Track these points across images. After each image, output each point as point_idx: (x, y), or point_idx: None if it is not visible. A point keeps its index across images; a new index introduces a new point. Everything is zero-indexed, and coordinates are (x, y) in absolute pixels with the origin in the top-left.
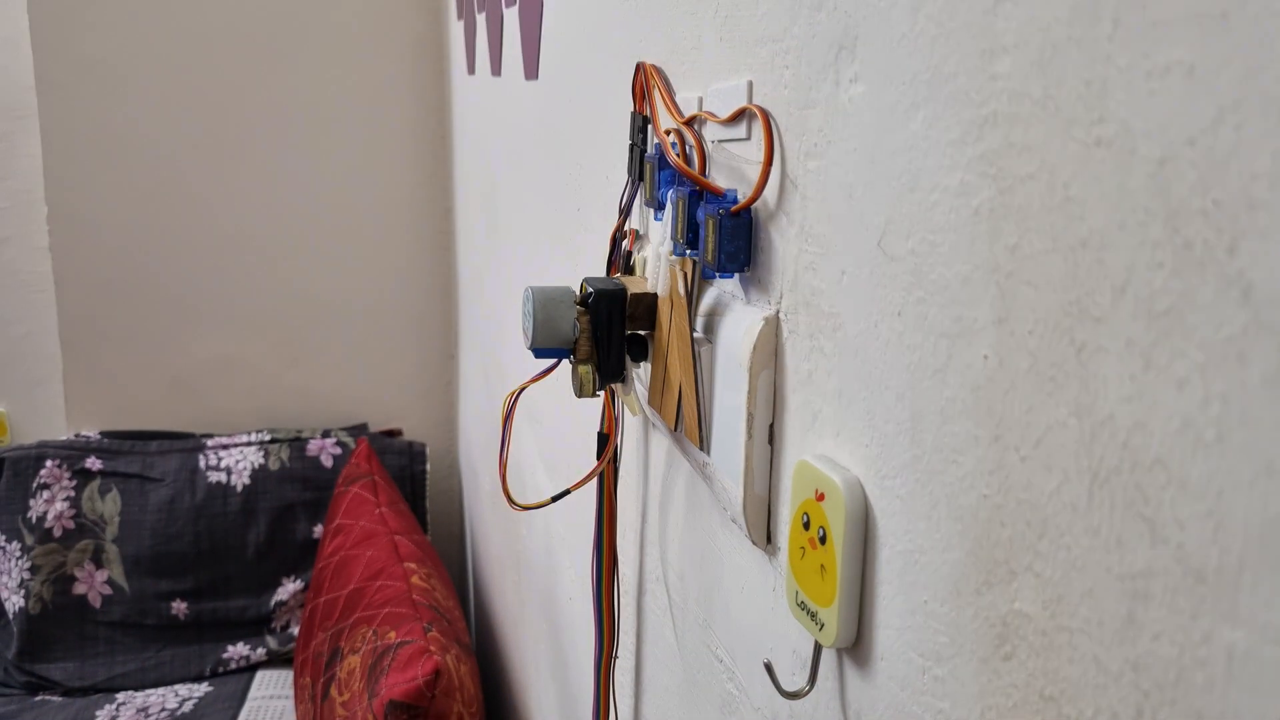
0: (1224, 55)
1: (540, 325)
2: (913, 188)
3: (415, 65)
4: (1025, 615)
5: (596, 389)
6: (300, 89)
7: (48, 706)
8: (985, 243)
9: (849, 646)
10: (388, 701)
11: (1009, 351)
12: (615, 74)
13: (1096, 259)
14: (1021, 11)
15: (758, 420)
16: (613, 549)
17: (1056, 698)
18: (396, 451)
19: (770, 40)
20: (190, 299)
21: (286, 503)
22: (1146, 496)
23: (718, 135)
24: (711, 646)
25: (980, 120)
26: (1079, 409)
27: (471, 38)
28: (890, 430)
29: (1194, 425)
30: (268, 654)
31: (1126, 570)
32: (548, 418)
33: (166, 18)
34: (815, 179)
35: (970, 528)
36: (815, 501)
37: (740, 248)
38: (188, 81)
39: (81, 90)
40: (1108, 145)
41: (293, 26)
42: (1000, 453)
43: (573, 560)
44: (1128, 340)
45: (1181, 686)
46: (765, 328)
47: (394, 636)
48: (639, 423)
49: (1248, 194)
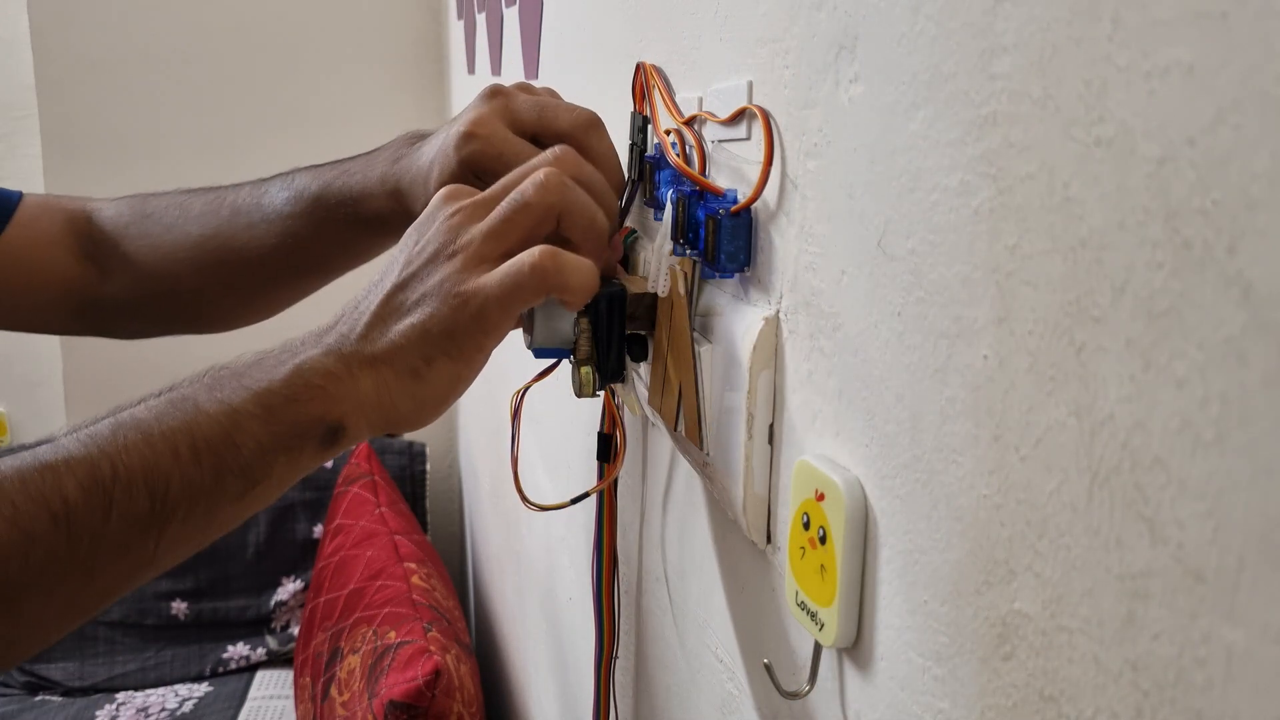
0: (1224, 55)
1: (540, 325)
2: (913, 188)
3: (415, 65)
4: (1025, 615)
5: (597, 389)
6: (300, 89)
7: (48, 706)
8: (985, 243)
9: (849, 646)
10: (388, 701)
11: (1009, 351)
12: (615, 74)
13: (1096, 259)
14: (1021, 11)
15: (758, 420)
16: (613, 549)
17: (1056, 698)
18: (396, 451)
19: (770, 40)
20: None
21: (286, 502)
22: (1146, 496)
23: (718, 135)
24: (711, 646)
25: (980, 120)
26: (1079, 409)
27: (471, 38)
28: (890, 430)
29: (1194, 425)
30: (268, 654)
31: (1126, 570)
32: (548, 418)
33: (167, 18)
34: (815, 179)
35: (970, 528)
36: (815, 501)
37: (740, 248)
38: (188, 82)
39: (81, 90)
40: (1107, 145)
41: (293, 26)
42: (1000, 453)
43: (573, 560)
44: (1127, 340)
45: (1181, 686)
46: (765, 328)
47: (394, 636)
48: (639, 423)
49: (1247, 194)
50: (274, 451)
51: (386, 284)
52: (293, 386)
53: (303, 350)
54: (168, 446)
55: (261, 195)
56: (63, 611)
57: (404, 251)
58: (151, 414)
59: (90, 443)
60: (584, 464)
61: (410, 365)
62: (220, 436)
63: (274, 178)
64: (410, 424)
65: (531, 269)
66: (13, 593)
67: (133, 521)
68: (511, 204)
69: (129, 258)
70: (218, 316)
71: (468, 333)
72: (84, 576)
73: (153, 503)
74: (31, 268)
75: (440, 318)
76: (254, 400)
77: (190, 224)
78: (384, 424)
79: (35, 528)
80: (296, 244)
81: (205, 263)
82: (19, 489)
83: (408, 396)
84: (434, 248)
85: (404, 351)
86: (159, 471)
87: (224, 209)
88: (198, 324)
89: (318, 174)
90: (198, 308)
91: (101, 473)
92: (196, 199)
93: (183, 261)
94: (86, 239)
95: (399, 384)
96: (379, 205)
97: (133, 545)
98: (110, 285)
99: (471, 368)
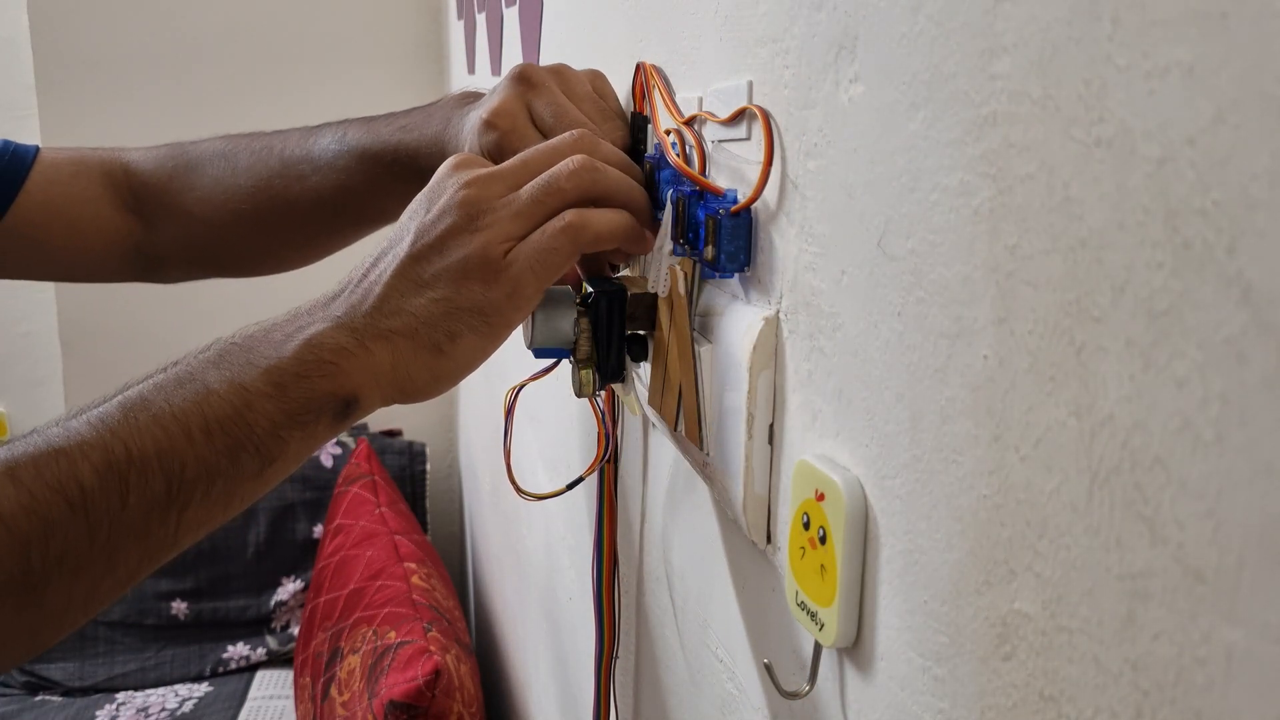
0: (1223, 55)
1: (540, 325)
2: (913, 188)
3: (415, 65)
4: (1025, 615)
5: (597, 389)
6: (300, 89)
7: (48, 706)
8: (985, 243)
9: (849, 646)
10: (388, 701)
11: (1009, 351)
12: (615, 74)
13: (1096, 259)
14: (1021, 11)
15: (758, 420)
16: (613, 549)
17: (1056, 698)
18: (396, 451)
19: (770, 40)
20: (191, 299)
21: (286, 502)
22: (1146, 496)
23: (718, 135)
24: (711, 646)
25: (980, 120)
26: (1079, 409)
27: (471, 38)
28: (890, 430)
29: (1193, 425)
30: (268, 654)
31: (1126, 570)
32: (548, 417)
33: (166, 18)
34: (815, 179)
35: (970, 528)
36: (815, 501)
37: (740, 248)
38: (188, 82)
39: (81, 90)
40: (1107, 145)
41: (292, 26)
42: (1000, 453)
43: (573, 560)
44: (1127, 340)
45: (1181, 686)
46: (765, 328)
47: (394, 636)
48: (639, 423)
49: (1247, 194)
50: (288, 428)
51: (399, 253)
52: (303, 363)
53: (311, 323)
54: (180, 428)
55: (312, 146)
56: (86, 597)
57: (414, 220)
58: (161, 394)
59: (102, 426)
60: (583, 463)
61: (432, 340)
62: (232, 415)
63: (322, 127)
64: (424, 395)
65: (562, 230)
66: (35, 581)
67: (151, 504)
68: (544, 187)
69: (174, 209)
70: (268, 262)
71: (498, 307)
72: (105, 562)
73: (169, 484)
74: (71, 222)
75: (469, 292)
76: (264, 378)
77: (239, 175)
78: (398, 396)
79: (53, 515)
80: (350, 195)
81: (256, 213)
82: (34, 476)
83: (425, 369)
84: (452, 220)
85: (427, 325)
86: (173, 453)
87: (272, 159)
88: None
89: (370, 128)
90: (248, 254)
91: (115, 456)
92: (241, 148)
93: (233, 212)
94: (126, 191)
95: (417, 358)
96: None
97: (152, 528)
98: (155, 235)
99: (496, 342)
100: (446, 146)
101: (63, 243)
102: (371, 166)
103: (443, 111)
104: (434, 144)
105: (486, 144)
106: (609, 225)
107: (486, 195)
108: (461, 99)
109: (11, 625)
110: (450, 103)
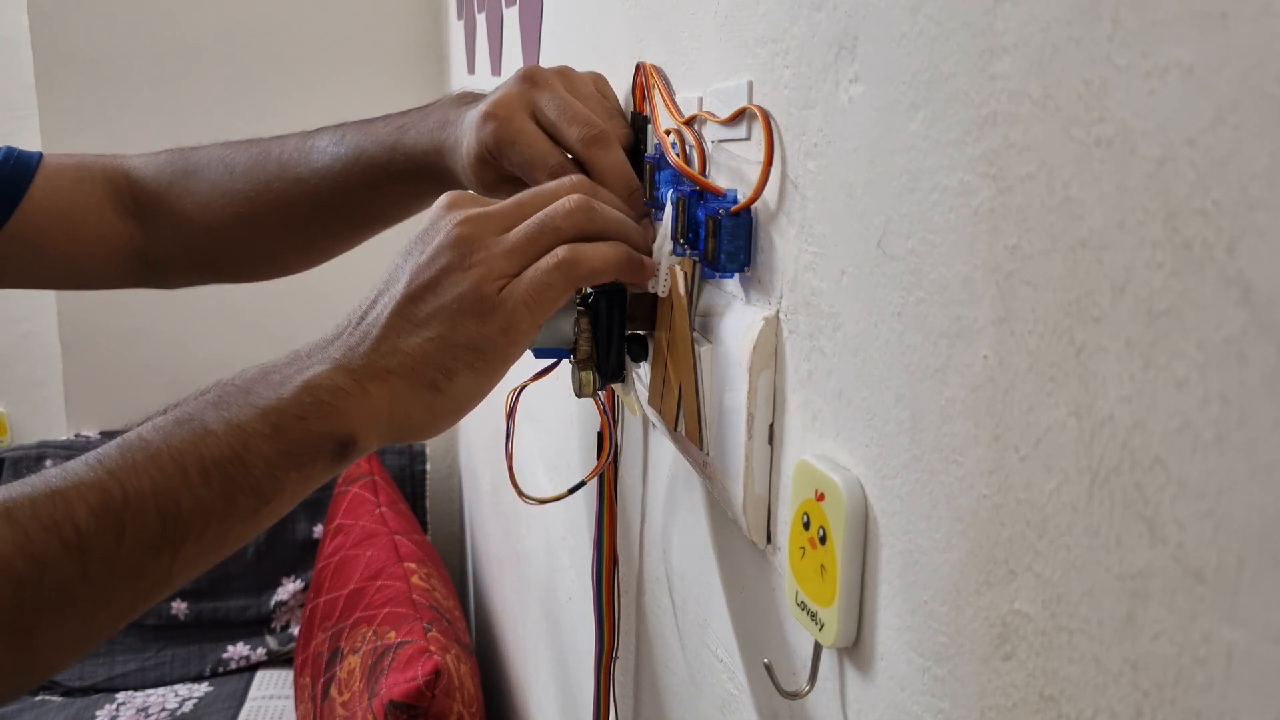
0: (1223, 55)
1: (540, 325)
2: (913, 188)
3: (415, 65)
4: (1025, 615)
5: (597, 389)
6: (300, 89)
7: (48, 706)
8: (985, 243)
9: (849, 646)
10: (388, 701)
11: (1009, 351)
12: (615, 74)
13: (1096, 259)
14: (1021, 11)
15: (758, 420)
16: (613, 549)
17: (1056, 697)
18: (396, 451)
19: (770, 40)
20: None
21: None
22: (1146, 496)
23: (718, 135)
24: (711, 646)
25: (980, 120)
26: (1079, 409)
27: (471, 38)
28: (890, 430)
29: (1193, 425)
30: (268, 654)
31: (1126, 570)
32: (548, 418)
33: (167, 18)
34: (815, 179)
35: (970, 528)
36: (815, 501)
37: (740, 248)
38: (188, 81)
39: (81, 90)
40: (1107, 145)
41: (293, 26)
42: (1000, 453)
43: (573, 560)
44: (1127, 340)
45: (1181, 686)
46: (765, 328)
47: (394, 636)
48: (639, 423)
49: (1247, 194)
50: (285, 469)
51: (395, 294)
52: (301, 404)
53: (309, 365)
54: (176, 469)
55: (310, 149)
56: (78, 637)
57: (409, 260)
58: (159, 435)
59: (99, 466)
60: (583, 463)
61: (428, 378)
62: (229, 456)
63: (320, 131)
64: (423, 434)
65: (556, 265)
66: (28, 621)
67: (145, 545)
68: (539, 225)
69: (174, 214)
70: (268, 266)
71: (493, 343)
72: (98, 601)
73: (164, 525)
74: (74, 228)
75: (464, 329)
76: (262, 419)
77: (237, 180)
78: (396, 435)
79: (48, 555)
80: (349, 197)
81: (255, 217)
82: (30, 517)
83: (423, 408)
84: (446, 260)
85: (422, 364)
86: (169, 494)
87: (270, 163)
88: (247, 274)
89: (368, 129)
90: (248, 258)
91: (112, 497)
92: (240, 153)
93: (232, 216)
94: (128, 197)
95: (414, 396)
96: (431, 161)
97: (146, 568)
98: (156, 241)
99: (493, 379)
100: (445, 146)
101: (65, 248)
102: (369, 168)
103: (440, 111)
104: (432, 143)
105: (484, 136)
106: (603, 258)
107: (480, 233)
108: (460, 99)
109: (3, 662)
110: (448, 103)
